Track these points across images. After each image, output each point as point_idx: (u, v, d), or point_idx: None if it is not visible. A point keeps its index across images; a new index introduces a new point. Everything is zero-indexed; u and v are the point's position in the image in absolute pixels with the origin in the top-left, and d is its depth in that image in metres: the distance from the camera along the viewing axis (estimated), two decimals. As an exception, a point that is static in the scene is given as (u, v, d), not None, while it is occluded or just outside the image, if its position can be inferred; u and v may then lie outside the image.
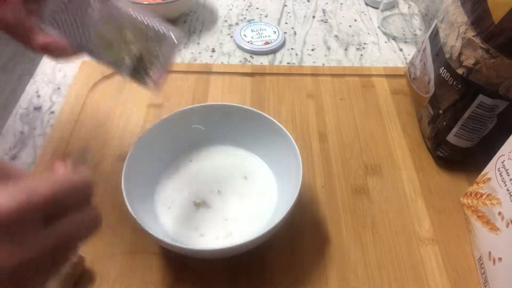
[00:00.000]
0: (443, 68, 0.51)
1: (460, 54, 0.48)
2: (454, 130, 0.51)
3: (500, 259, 0.41)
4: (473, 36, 0.46)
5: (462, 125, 0.50)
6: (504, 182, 0.42)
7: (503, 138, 0.44)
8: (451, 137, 0.52)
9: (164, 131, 0.50)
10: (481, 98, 0.48)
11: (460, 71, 0.48)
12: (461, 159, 0.55)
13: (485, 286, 0.43)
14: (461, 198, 0.51)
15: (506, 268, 0.40)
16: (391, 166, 0.55)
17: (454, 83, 0.49)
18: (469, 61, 0.47)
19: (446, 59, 0.50)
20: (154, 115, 0.60)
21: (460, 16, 0.49)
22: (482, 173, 0.47)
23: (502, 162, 0.43)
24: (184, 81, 0.65)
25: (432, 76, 0.53)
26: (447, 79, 0.50)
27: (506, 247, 0.40)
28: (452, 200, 0.52)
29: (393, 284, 0.45)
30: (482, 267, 0.44)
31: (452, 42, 0.49)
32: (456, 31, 0.49)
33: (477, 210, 0.46)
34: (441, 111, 0.52)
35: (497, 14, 0.44)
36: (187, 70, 0.66)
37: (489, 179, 0.45)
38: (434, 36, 0.54)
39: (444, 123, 0.52)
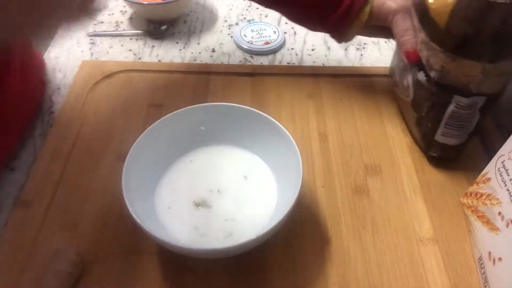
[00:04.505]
0: (419, 71, 0.51)
1: (428, 58, 0.49)
2: (440, 130, 0.51)
3: (500, 259, 0.41)
4: (431, 42, 0.47)
5: (446, 124, 0.51)
6: (504, 182, 0.42)
7: (503, 138, 0.44)
8: (439, 137, 0.52)
9: (164, 131, 0.50)
10: (456, 98, 0.48)
11: (432, 74, 0.49)
12: (455, 156, 0.55)
13: (485, 286, 0.43)
14: (461, 198, 0.51)
15: (506, 268, 0.40)
16: (391, 166, 0.55)
17: (430, 86, 0.50)
18: (436, 66, 0.48)
19: (421, 63, 0.51)
20: (154, 115, 0.60)
21: (418, 24, 0.50)
22: (482, 173, 0.47)
23: (502, 162, 0.43)
24: (184, 81, 0.65)
25: (410, 80, 0.54)
26: (423, 82, 0.51)
27: (506, 247, 0.40)
28: (452, 200, 0.52)
29: (393, 284, 0.45)
30: (482, 267, 0.44)
31: (421, 47, 0.50)
32: (420, 37, 0.50)
33: (477, 210, 0.46)
34: (423, 114, 0.52)
35: (441, 20, 0.45)
36: (187, 70, 0.66)
37: (489, 179, 0.45)
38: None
39: (429, 125, 0.52)
